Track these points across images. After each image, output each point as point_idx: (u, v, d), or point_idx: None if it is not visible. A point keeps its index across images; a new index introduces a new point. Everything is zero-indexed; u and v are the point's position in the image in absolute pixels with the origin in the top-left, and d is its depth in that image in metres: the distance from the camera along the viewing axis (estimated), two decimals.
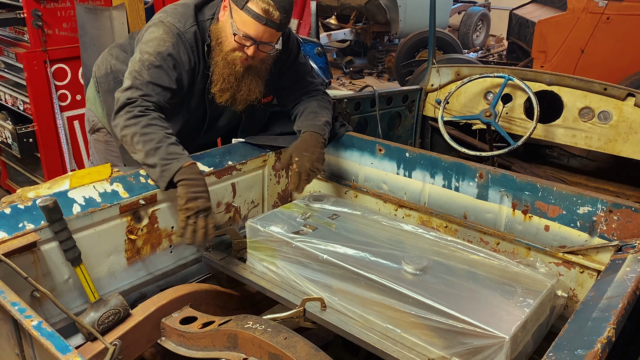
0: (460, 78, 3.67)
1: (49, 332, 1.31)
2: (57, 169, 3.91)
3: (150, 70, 2.14)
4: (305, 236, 2.00)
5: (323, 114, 2.44)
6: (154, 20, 2.27)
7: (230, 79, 2.25)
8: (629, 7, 5.65)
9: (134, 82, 2.13)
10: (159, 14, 2.30)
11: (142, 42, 2.24)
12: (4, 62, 3.98)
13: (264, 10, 2.08)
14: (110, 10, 3.67)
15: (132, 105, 2.08)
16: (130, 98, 2.08)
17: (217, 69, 2.25)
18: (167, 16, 2.24)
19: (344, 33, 9.36)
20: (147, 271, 2.14)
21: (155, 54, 2.16)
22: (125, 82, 2.17)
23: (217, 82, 2.27)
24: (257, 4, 2.08)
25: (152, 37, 2.20)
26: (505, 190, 2.14)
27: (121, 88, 2.15)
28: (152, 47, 2.17)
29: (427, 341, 1.67)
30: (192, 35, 2.23)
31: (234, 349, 1.73)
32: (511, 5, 8.49)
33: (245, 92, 2.30)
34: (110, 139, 2.58)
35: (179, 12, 2.26)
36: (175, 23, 2.21)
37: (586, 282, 1.97)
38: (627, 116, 3.13)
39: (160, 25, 2.23)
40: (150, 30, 2.25)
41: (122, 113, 2.08)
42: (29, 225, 1.75)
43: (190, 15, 2.25)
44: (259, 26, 2.11)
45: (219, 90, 2.28)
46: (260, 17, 2.09)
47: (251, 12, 2.09)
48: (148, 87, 2.13)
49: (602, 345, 1.27)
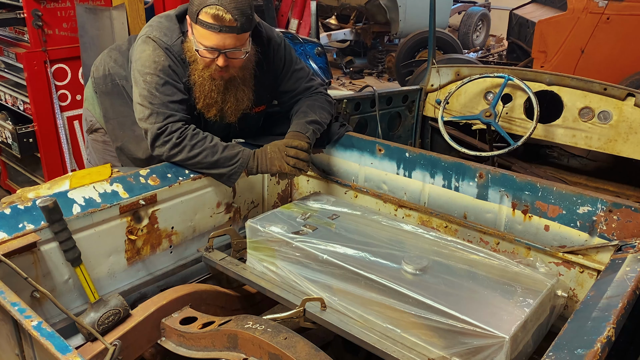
0: (460, 78, 3.67)
1: (49, 332, 1.31)
2: (57, 169, 3.91)
3: (160, 90, 2.15)
4: (305, 236, 2.00)
5: (311, 114, 2.42)
6: (142, 37, 2.26)
7: (212, 95, 2.24)
8: (629, 7, 5.65)
9: (152, 108, 2.14)
10: (145, 29, 2.29)
11: (135, 61, 2.23)
12: (4, 62, 3.98)
13: (215, 16, 2.04)
14: (110, 10, 3.67)
15: (165, 134, 2.12)
16: (161, 127, 2.11)
17: (197, 87, 2.24)
18: (153, 30, 2.24)
19: (344, 33, 9.36)
20: (147, 271, 2.14)
21: (158, 72, 2.17)
22: (141, 109, 2.17)
23: (200, 99, 2.26)
24: (206, 14, 2.05)
25: (145, 56, 2.20)
26: (505, 190, 2.14)
27: (142, 117, 2.16)
28: (150, 65, 2.17)
29: (427, 341, 1.67)
30: (179, 48, 2.23)
31: (234, 349, 1.73)
32: (511, 5, 8.48)
33: (233, 103, 2.29)
34: (108, 139, 2.57)
35: (164, 26, 2.26)
36: (162, 38, 2.21)
37: (586, 281, 1.97)
38: (627, 116, 3.13)
39: (148, 42, 2.22)
40: (140, 48, 2.24)
41: (160, 144, 2.13)
42: (29, 225, 1.75)
43: (175, 29, 2.25)
44: (216, 35, 2.07)
45: (204, 106, 2.28)
46: (213, 25, 2.06)
47: (204, 23, 2.06)
48: (168, 107, 2.15)
49: (602, 345, 1.27)
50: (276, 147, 2.27)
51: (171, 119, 2.14)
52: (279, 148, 2.26)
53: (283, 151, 2.25)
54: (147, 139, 2.16)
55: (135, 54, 2.26)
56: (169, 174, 2.15)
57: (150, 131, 2.14)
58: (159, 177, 2.12)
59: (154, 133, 2.13)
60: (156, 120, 2.13)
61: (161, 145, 2.14)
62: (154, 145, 2.15)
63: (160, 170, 2.15)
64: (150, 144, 2.16)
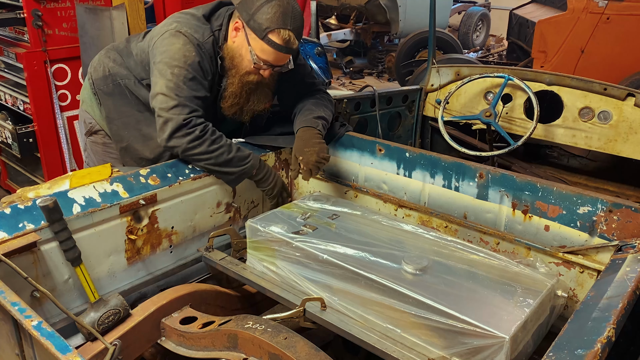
0: (460, 78, 3.67)
1: (49, 332, 1.31)
2: (57, 169, 3.91)
3: (188, 84, 2.17)
4: (305, 236, 2.00)
5: (317, 111, 2.45)
6: (170, 30, 2.25)
7: (243, 95, 2.33)
8: (629, 7, 5.65)
9: (178, 99, 2.15)
10: (172, 24, 2.28)
11: (162, 53, 2.22)
12: (4, 62, 3.98)
13: (285, 40, 2.15)
14: (110, 10, 3.66)
15: (189, 126, 2.14)
16: (186, 119, 2.13)
17: (232, 88, 2.30)
18: (183, 26, 2.25)
19: (344, 33, 9.36)
20: (147, 271, 2.14)
21: (187, 66, 2.18)
22: (164, 99, 2.16)
23: (229, 99, 2.33)
24: (278, 35, 2.14)
25: (175, 49, 2.20)
26: (505, 190, 2.14)
27: (165, 107, 2.15)
28: (180, 59, 2.18)
29: (427, 341, 1.67)
30: (210, 47, 2.27)
31: (234, 349, 1.73)
32: (511, 5, 8.49)
33: (254, 104, 2.38)
34: (108, 141, 2.56)
35: (193, 23, 2.28)
36: (193, 34, 2.23)
37: (586, 282, 1.97)
38: (627, 116, 3.13)
39: (179, 35, 2.22)
40: (169, 41, 2.23)
41: (181, 135, 2.14)
42: (29, 225, 1.75)
43: (206, 28, 2.28)
44: (280, 55, 2.20)
45: (230, 105, 2.35)
46: (281, 47, 2.16)
47: (273, 43, 2.15)
48: (193, 102, 2.18)
49: (602, 345, 1.27)
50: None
51: (195, 113, 2.17)
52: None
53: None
54: (167, 129, 2.14)
55: (161, 46, 2.24)
56: (169, 173, 2.15)
57: (174, 121, 2.13)
58: (159, 177, 2.12)
59: (179, 123, 2.12)
60: (181, 112, 2.14)
61: (182, 136, 2.13)
62: (174, 136, 2.14)
63: (160, 170, 2.15)
64: (170, 133, 2.14)
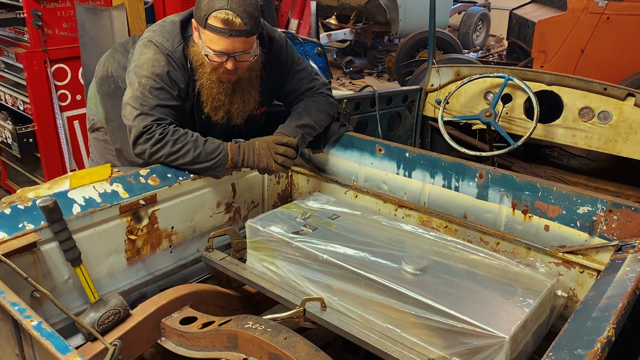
0: (460, 78, 3.67)
1: (49, 332, 1.31)
2: (57, 169, 3.90)
3: (154, 93, 2.15)
4: (305, 236, 2.00)
5: (305, 117, 2.42)
6: (143, 40, 2.26)
7: (220, 97, 2.25)
8: (629, 7, 5.65)
9: (141, 109, 2.13)
10: (147, 32, 2.29)
11: (134, 64, 2.22)
12: (4, 62, 3.98)
13: (224, 21, 2.04)
14: (110, 10, 3.66)
15: (148, 132, 2.10)
16: (146, 126, 2.10)
17: (204, 90, 2.24)
18: (155, 35, 2.23)
19: (344, 33, 9.36)
20: (147, 271, 2.14)
21: (154, 76, 2.16)
22: (130, 110, 2.15)
23: (207, 102, 2.26)
24: (215, 18, 2.05)
25: (144, 59, 2.19)
26: (505, 190, 2.14)
27: (130, 116, 2.14)
28: (148, 69, 2.17)
29: (427, 341, 1.67)
30: (180, 54, 2.22)
31: (234, 349, 1.73)
32: (511, 5, 8.49)
33: (240, 105, 2.30)
34: (109, 139, 2.58)
35: (166, 30, 2.25)
36: (163, 43, 2.21)
37: (586, 282, 1.97)
38: (627, 116, 3.13)
39: (149, 45, 2.21)
40: (140, 51, 2.23)
41: (142, 142, 2.11)
42: (29, 225, 1.75)
43: (177, 34, 2.24)
44: (225, 39, 2.08)
45: (212, 109, 2.28)
46: (222, 30, 2.06)
47: (213, 28, 2.07)
48: (157, 110, 2.14)
49: (602, 345, 1.27)
50: (265, 144, 2.26)
51: (159, 121, 2.13)
52: (268, 145, 2.25)
53: (272, 148, 2.25)
54: (131, 137, 2.14)
55: (134, 56, 2.25)
56: (169, 173, 2.15)
57: (135, 129, 2.12)
58: (159, 177, 2.12)
59: (139, 131, 2.11)
60: (143, 120, 2.11)
61: (144, 142, 2.11)
62: (137, 143, 2.12)
63: (160, 170, 2.15)
64: (133, 141, 2.13)
